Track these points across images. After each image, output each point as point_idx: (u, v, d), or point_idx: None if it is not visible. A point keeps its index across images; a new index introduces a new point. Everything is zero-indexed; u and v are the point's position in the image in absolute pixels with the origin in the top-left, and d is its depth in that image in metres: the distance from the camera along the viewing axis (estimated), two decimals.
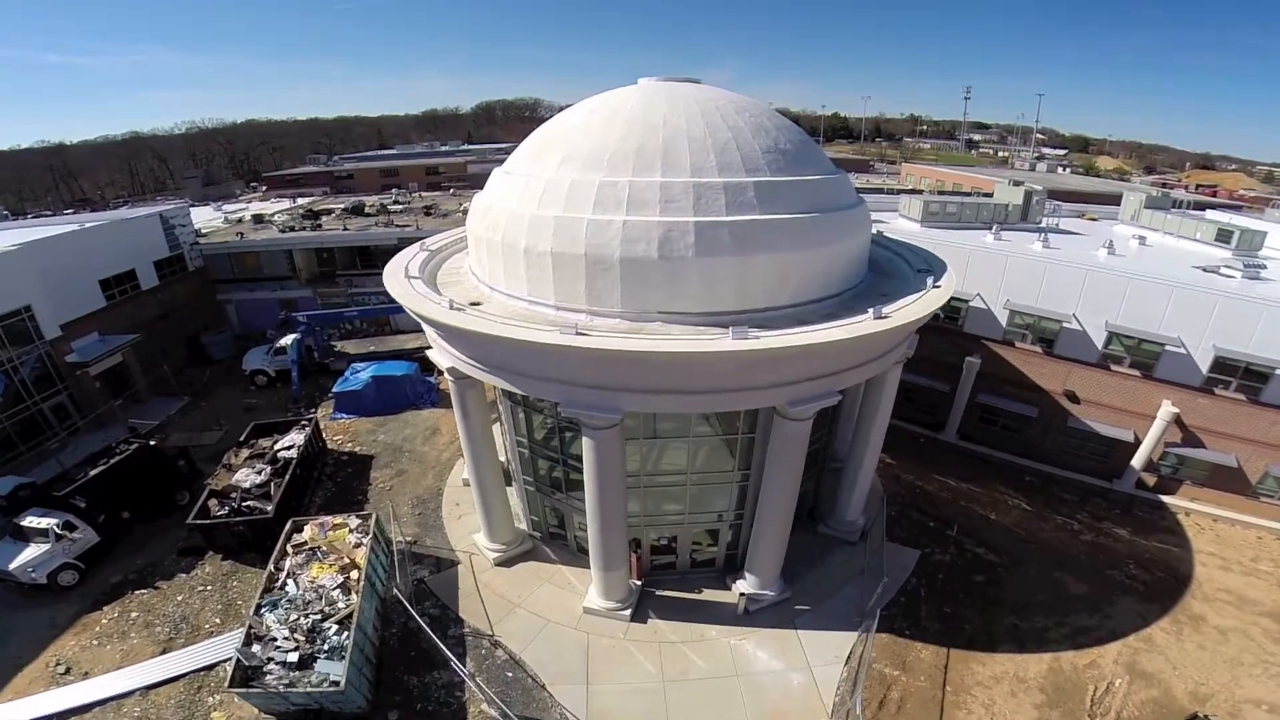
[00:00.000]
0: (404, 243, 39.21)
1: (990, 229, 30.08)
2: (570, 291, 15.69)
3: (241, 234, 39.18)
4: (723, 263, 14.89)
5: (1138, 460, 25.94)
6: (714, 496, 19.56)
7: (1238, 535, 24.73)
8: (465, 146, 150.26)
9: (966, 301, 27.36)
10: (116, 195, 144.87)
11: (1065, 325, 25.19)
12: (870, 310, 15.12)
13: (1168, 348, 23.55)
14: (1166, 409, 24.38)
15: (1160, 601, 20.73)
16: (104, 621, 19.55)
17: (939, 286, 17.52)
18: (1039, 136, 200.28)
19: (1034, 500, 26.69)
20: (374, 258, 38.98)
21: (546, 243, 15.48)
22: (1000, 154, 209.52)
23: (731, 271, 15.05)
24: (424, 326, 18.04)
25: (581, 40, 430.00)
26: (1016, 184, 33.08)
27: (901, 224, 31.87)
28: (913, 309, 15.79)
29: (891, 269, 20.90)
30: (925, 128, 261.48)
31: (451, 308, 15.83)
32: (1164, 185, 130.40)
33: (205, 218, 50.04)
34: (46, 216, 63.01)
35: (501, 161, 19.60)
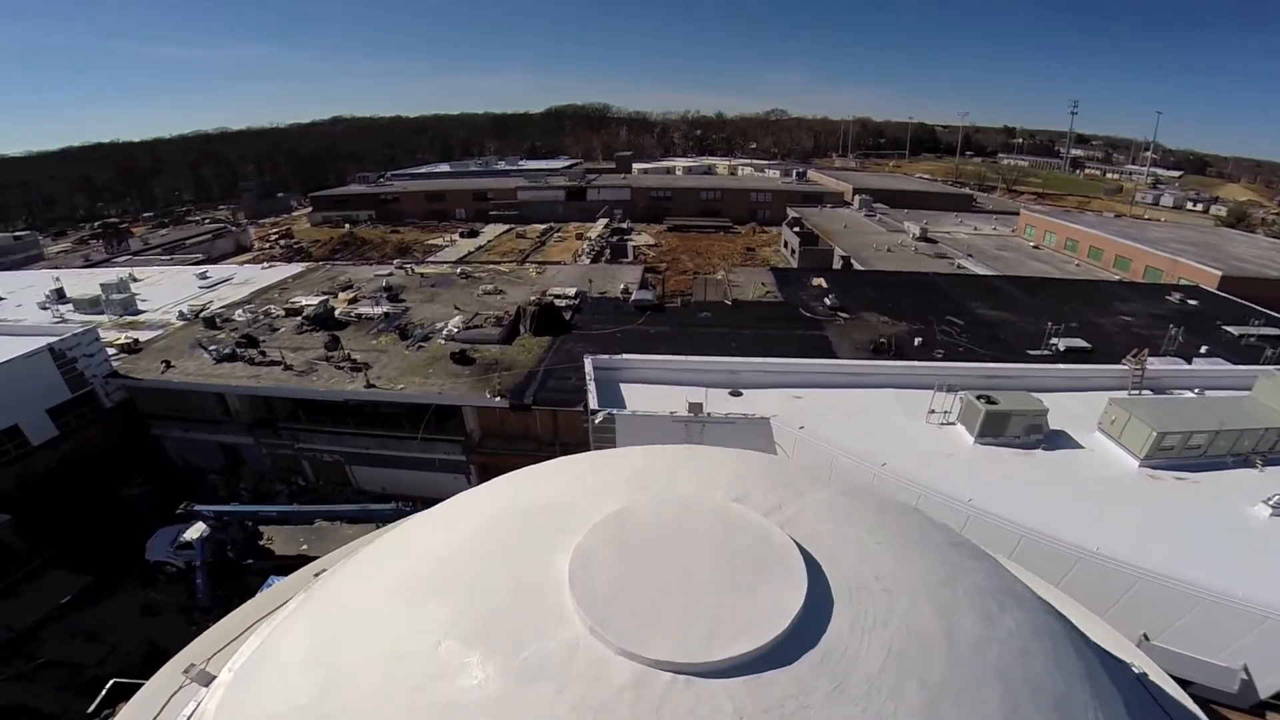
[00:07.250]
0: (350, 404, 27.28)
1: (1256, 466, 19.11)
2: None
3: (169, 362, 30.23)
4: None
5: None
6: None
7: None
8: (522, 164, 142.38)
9: None
10: (183, 204, 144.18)
11: None
12: None
13: None
14: None
15: None
16: None
17: None
18: (1150, 155, 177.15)
19: None
20: (322, 409, 29.04)
21: None
22: (1109, 175, 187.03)
23: None
24: None
25: (641, 41, 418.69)
26: None
27: (1105, 448, 19.99)
28: None
29: None
30: (1020, 140, 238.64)
31: None
32: None
33: (180, 296, 42.14)
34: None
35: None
